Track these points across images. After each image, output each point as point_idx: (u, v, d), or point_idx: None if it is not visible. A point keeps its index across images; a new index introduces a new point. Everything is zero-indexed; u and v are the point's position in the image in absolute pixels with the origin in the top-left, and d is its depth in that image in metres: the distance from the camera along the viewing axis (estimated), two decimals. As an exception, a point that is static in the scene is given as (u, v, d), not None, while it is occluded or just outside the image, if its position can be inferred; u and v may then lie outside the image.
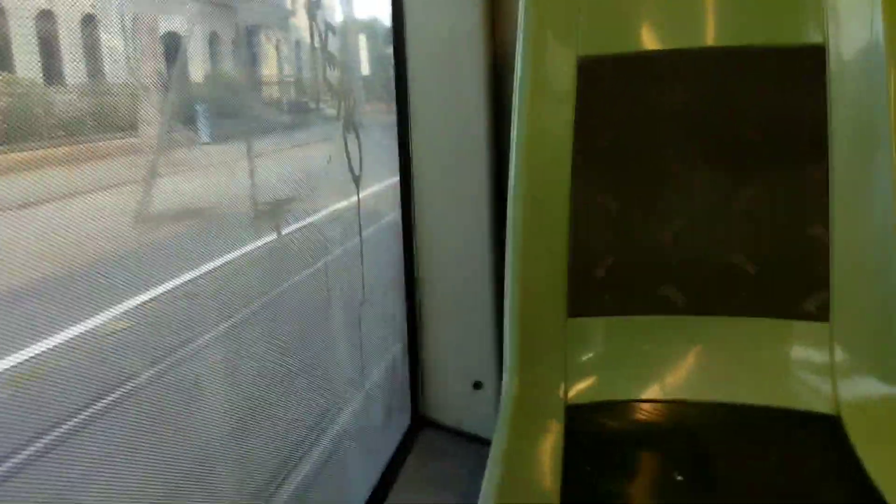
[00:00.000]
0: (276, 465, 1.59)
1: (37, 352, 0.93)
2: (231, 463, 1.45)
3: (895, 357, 1.49)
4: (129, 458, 1.12)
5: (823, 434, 1.46)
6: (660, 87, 1.66)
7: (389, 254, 2.29)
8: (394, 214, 2.27)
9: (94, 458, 1.05)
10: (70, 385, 1.00)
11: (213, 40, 1.49)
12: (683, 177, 1.65)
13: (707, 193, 1.64)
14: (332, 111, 1.94)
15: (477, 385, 2.27)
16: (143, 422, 1.17)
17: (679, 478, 1.35)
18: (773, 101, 1.63)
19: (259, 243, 1.57)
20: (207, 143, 1.41)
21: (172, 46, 1.30)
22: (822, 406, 1.51)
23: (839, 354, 1.55)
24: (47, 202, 0.95)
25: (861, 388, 1.52)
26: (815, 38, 1.59)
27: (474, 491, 1.31)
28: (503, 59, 2.07)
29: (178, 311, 1.28)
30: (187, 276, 1.30)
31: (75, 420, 1.03)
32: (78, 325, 1.02)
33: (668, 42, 1.68)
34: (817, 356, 1.57)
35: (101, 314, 1.06)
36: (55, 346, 0.97)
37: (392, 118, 2.19)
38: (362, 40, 2.31)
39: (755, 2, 1.64)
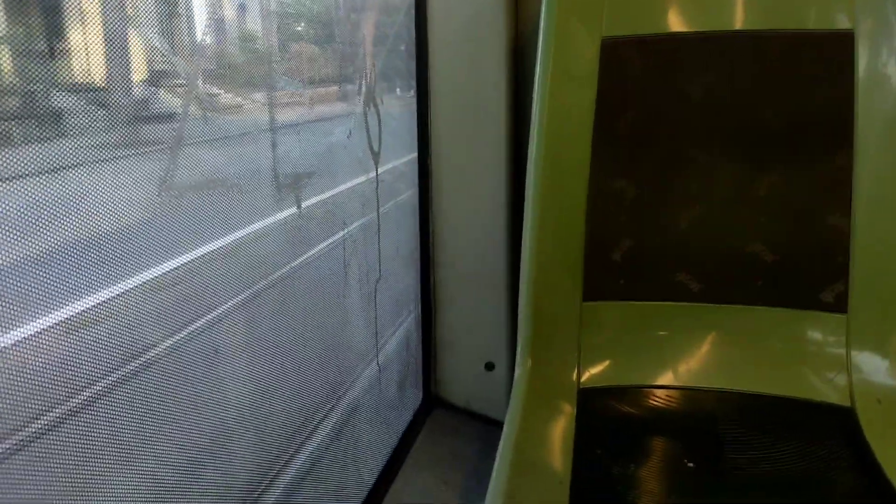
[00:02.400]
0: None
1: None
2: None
3: None
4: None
5: (837, 425, 1.45)
6: (683, 71, 1.64)
7: (405, 231, 2.29)
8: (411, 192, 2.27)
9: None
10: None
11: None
12: (704, 162, 1.63)
13: (727, 180, 1.63)
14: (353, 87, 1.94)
15: (489, 366, 2.28)
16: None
17: (690, 464, 1.36)
18: (799, 87, 1.60)
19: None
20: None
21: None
22: (835, 397, 1.51)
23: (855, 346, 1.54)
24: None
25: (876, 381, 1.51)
26: (844, 24, 1.56)
27: (484, 470, 1.33)
28: (525, 39, 2.05)
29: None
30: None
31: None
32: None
33: (693, 24, 1.65)
34: (833, 347, 1.56)
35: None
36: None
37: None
38: (383, 18, 2.29)
39: None
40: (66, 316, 0.99)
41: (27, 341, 0.92)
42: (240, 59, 1.56)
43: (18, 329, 0.88)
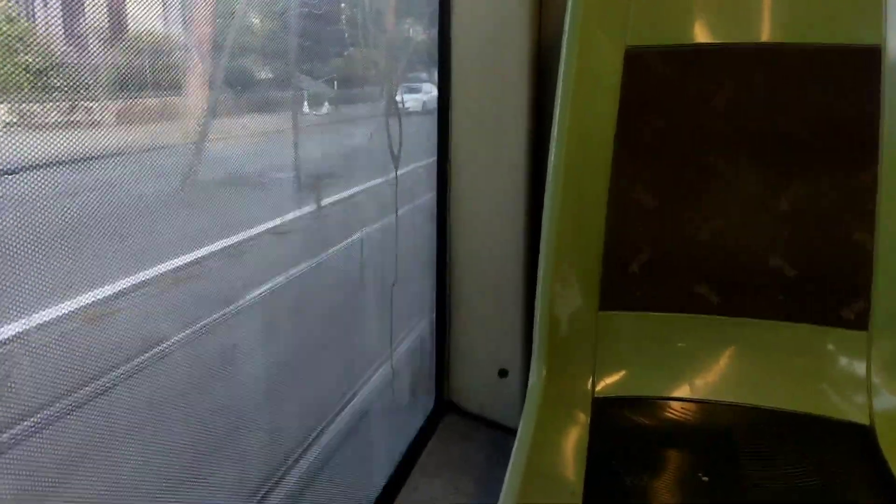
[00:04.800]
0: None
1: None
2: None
3: None
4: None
5: (855, 443, 1.43)
6: (708, 82, 1.63)
7: (422, 235, 2.30)
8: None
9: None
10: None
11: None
12: (726, 175, 1.62)
13: (749, 192, 1.61)
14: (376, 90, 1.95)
15: (502, 373, 2.27)
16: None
17: (704, 478, 1.34)
18: (824, 101, 1.59)
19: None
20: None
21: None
22: (854, 415, 1.48)
23: (876, 364, 1.52)
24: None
25: None
26: (872, 39, 1.55)
27: (494, 477, 1.32)
28: (548, 46, 2.04)
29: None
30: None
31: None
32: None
33: (718, 36, 1.65)
34: (853, 365, 1.54)
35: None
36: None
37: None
38: (407, 24, 2.30)
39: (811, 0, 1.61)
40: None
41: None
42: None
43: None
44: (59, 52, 0.94)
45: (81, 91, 0.97)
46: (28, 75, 0.87)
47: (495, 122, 2.12)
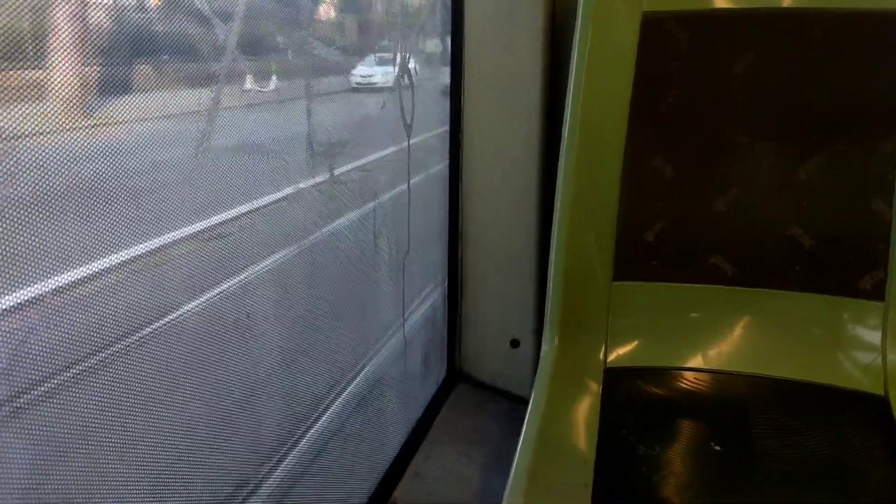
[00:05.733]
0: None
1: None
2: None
3: None
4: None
5: (869, 414, 1.43)
6: (726, 49, 1.60)
7: (435, 205, 2.29)
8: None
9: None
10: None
11: None
12: (744, 144, 1.60)
13: (768, 162, 1.59)
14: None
15: (514, 343, 2.28)
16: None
17: (717, 448, 1.34)
18: (846, 70, 1.55)
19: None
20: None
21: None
22: (869, 386, 1.48)
23: (892, 335, 1.51)
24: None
25: None
26: None
27: (506, 447, 1.33)
28: (562, 13, 2.01)
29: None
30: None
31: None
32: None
33: (738, 0, 1.61)
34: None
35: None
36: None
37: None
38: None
39: None
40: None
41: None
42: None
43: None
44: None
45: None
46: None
47: (509, 92, 2.09)
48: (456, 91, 2.15)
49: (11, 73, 0.82)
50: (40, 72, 0.86)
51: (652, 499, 1.25)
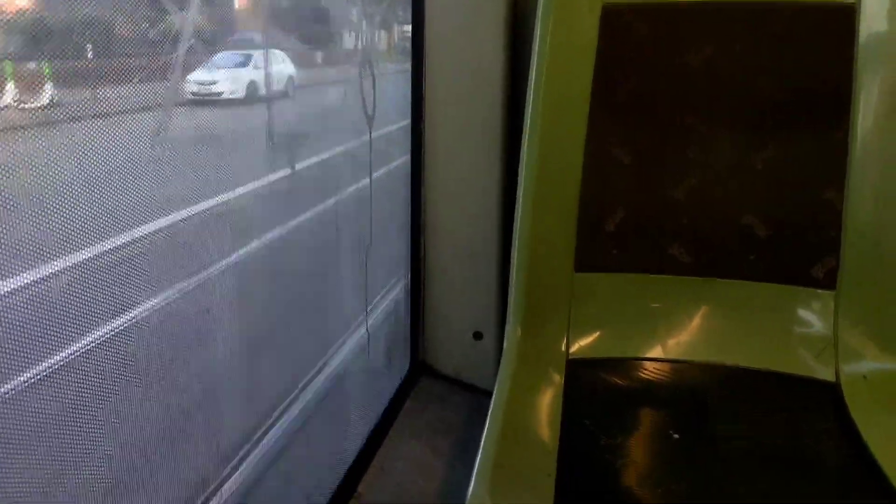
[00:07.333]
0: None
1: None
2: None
3: None
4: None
5: (822, 400, 1.46)
6: (683, 40, 1.62)
7: (397, 197, 2.28)
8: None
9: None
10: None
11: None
12: (701, 133, 1.62)
13: (724, 152, 1.62)
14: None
15: (477, 335, 2.28)
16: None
17: (675, 436, 1.37)
18: (799, 59, 1.59)
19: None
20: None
21: None
22: (821, 373, 1.52)
23: (843, 323, 1.55)
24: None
25: (862, 358, 1.52)
26: None
27: (470, 438, 1.33)
28: (524, 5, 2.01)
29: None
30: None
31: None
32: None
33: None
34: (821, 323, 1.57)
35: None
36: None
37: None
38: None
39: None
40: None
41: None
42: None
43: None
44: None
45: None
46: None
47: (471, 82, 2.08)
48: (417, 82, 2.14)
49: None
50: None
51: (614, 486, 1.26)
